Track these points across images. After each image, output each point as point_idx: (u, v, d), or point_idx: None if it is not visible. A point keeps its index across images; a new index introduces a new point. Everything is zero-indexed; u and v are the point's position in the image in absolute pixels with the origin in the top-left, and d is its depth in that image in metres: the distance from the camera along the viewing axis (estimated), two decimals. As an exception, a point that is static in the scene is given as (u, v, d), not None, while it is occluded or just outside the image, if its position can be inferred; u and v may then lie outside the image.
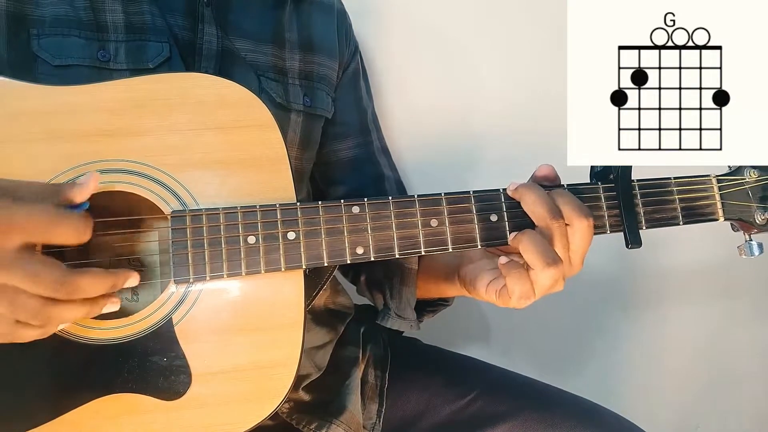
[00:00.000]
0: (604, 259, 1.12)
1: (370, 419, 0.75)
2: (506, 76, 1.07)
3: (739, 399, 1.33)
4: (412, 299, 0.76)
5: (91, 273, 0.47)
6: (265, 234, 0.55)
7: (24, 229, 0.44)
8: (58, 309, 0.46)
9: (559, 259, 0.55)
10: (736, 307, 1.28)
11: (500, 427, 0.71)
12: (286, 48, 0.73)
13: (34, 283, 0.44)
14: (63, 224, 0.45)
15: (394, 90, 1.02)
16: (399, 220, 0.57)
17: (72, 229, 0.46)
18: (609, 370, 1.24)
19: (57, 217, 0.45)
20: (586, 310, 1.19)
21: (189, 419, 0.53)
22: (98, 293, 0.48)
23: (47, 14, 0.60)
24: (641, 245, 0.59)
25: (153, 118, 0.55)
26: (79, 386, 0.52)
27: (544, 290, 0.57)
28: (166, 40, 0.63)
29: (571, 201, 0.57)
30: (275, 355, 0.55)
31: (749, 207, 0.62)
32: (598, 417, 0.71)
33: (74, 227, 0.46)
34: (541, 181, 0.61)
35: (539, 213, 0.57)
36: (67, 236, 0.46)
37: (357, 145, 0.83)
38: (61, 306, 0.46)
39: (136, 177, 0.54)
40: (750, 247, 0.63)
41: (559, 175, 0.61)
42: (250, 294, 0.55)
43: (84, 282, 0.46)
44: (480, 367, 0.82)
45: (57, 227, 0.45)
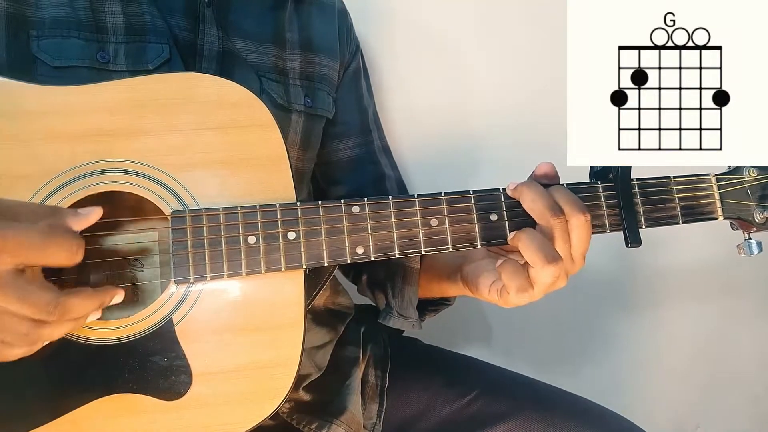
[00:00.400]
0: (604, 258, 1.12)
1: (371, 419, 0.75)
2: (506, 76, 1.07)
3: (739, 399, 1.33)
4: (414, 298, 0.76)
5: (81, 294, 0.48)
6: (266, 234, 0.55)
7: (16, 252, 0.43)
8: (47, 330, 0.46)
9: (558, 256, 0.55)
10: (735, 306, 1.28)
11: (500, 427, 0.71)
12: (287, 48, 0.73)
13: (25, 305, 0.44)
14: (55, 246, 0.45)
15: (395, 89, 1.02)
16: (399, 219, 0.57)
17: (64, 251, 0.46)
18: (609, 369, 1.24)
19: (50, 239, 0.45)
20: (586, 310, 1.20)
21: (189, 419, 0.53)
22: (87, 313, 0.49)
23: (47, 16, 0.60)
24: (641, 244, 0.59)
25: (153, 118, 0.55)
26: (80, 386, 0.52)
27: (545, 287, 0.57)
28: (166, 41, 0.63)
29: (568, 197, 0.57)
30: (275, 355, 0.55)
31: (748, 206, 0.62)
32: (598, 417, 0.71)
33: (66, 249, 0.46)
34: (540, 179, 0.60)
35: (539, 210, 0.57)
36: (60, 258, 0.46)
37: (358, 144, 0.83)
38: (49, 327, 0.46)
39: (136, 177, 0.54)
40: (749, 246, 0.63)
41: (558, 174, 0.61)
42: (251, 294, 0.55)
43: (74, 304, 0.47)
44: (480, 367, 0.82)
45: (49, 249, 0.45)
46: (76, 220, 0.49)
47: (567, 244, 0.57)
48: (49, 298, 0.45)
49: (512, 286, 0.56)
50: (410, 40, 1.03)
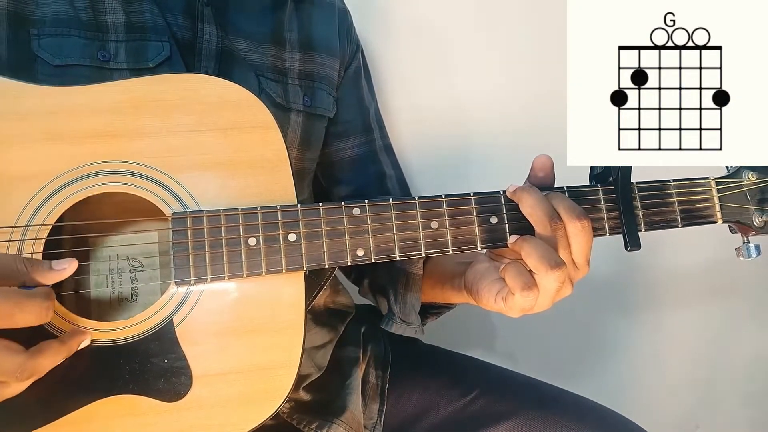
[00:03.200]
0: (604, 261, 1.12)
1: (371, 419, 0.75)
2: (506, 76, 1.07)
3: (739, 400, 1.33)
4: (417, 304, 0.75)
5: (47, 352, 0.47)
6: (266, 236, 0.55)
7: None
8: (10, 390, 0.46)
9: (562, 261, 0.55)
10: (735, 307, 1.28)
11: (501, 427, 0.71)
12: (286, 48, 0.73)
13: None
14: (22, 314, 0.44)
15: (395, 89, 1.02)
16: (399, 222, 0.57)
17: (32, 315, 0.45)
18: (609, 370, 1.25)
19: (19, 304, 0.44)
20: (586, 312, 1.20)
21: (190, 420, 0.53)
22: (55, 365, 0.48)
23: (48, 14, 0.60)
24: (640, 248, 0.59)
25: (153, 119, 0.55)
26: (80, 388, 0.52)
27: (551, 295, 0.56)
28: (167, 39, 0.63)
29: (566, 203, 0.57)
30: (276, 356, 0.55)
31: (747, 209, 0.62)
32: (598, 417, 0.71)
33: (35, 314, 0.45)
34: (537, 173, 0.60)
35: (537, 217, 0.57)
36: (27, 322, 0.45)
37: (359, 144, 0.83)
38: (15, 386, 0.46)
39: (137, 178, 0.54)
40: (748, 249, 0.63)
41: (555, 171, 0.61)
42: (251, 295, 0.55)
43: (41, 364, 0.46)
44: (481, 367, 0.82)
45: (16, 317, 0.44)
46: (50, 276, 0.47)
47: (567, 251, 0.56)
48: (17, 363, 0.44)
49: (516, 286, 0.55)
50: (411, 41, 1.03)
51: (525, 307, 0.57)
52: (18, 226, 0.52)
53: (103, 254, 0.58)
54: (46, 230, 0.52)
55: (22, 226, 0.52)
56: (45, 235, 0.52)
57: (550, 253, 0.55)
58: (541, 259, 0.54)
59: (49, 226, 0.52)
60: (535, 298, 0.56)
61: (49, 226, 0.52)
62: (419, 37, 1.04)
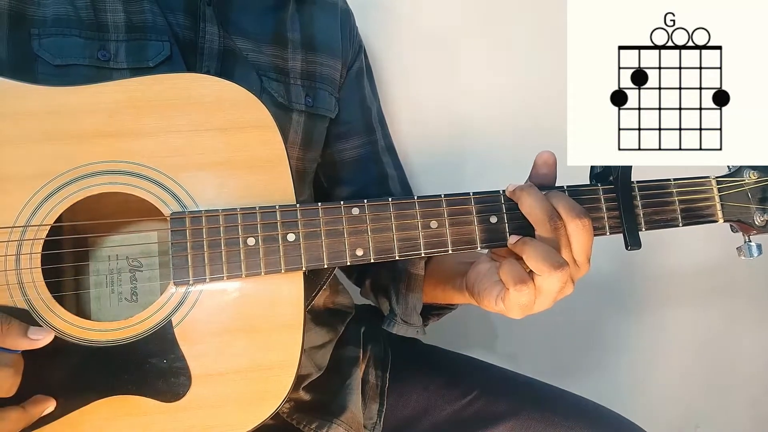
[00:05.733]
0: (604, 260, 1.12)
1: (371, 419, 0.75)
2: (506, 76, 1.07)
3: (739, 399, 1.33)
4: (419, 305, 0.75)
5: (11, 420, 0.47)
6: (265, 236, 0.55)
7: None
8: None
9: (564, 261, 0.54)
10: (735, 308, 1.28)
11: (501, 427, 0.71)
12: (289, 48, 0.73)
13: None
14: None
15: (398, 89, 1.02)
16: (399, 221, 0.57)
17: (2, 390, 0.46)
18: (609, 370, 1.25)
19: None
20: (586, 311, 1.20)
21: (189, 421, 0.53)
22: None
23: (48, 14, 0.60)
24: (641, 247, 0.59)
25: (152, 119, 0.55)
26: (79, 388, 0.52)
27: (553, 295, 0.55)
28: (167, 39, 0.63)
29: (565, 202, 0.57)
30: (275, 356, 0.55)
31: (748, 208, 0.62)
32: (598, 417, 0.71)
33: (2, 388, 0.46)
34: (540, 169, 0.60)
35: (537, 216, 0.56)
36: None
37: (361, 144, 0.82)
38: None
39: (135, 178, 0.54)
40: (749, 249, 0.63)
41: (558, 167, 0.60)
42: (250, 295, 0.55)
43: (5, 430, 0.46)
44: (480, 367, 0.82)
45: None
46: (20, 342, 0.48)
47: (568, 249, 0.56)
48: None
49: (510, 281, 0.55)
50: (413, 41, 1.03)
51: (521, 303, 0.56)
52: (17, 226, 0.52)
53: (102, 254, 0.58)
54: (44, 230, 0.52)
55: (21, 226, 0.52)
56: (44, 235, 0.52)
57: (551, 254, 0.54)
58: (543, 261, 0.53)
59: (48, 226, 0.52)
60: (530, 293, 0.55)
61: (48, 226, 0.52)
62: (421, 37, 1.04)
